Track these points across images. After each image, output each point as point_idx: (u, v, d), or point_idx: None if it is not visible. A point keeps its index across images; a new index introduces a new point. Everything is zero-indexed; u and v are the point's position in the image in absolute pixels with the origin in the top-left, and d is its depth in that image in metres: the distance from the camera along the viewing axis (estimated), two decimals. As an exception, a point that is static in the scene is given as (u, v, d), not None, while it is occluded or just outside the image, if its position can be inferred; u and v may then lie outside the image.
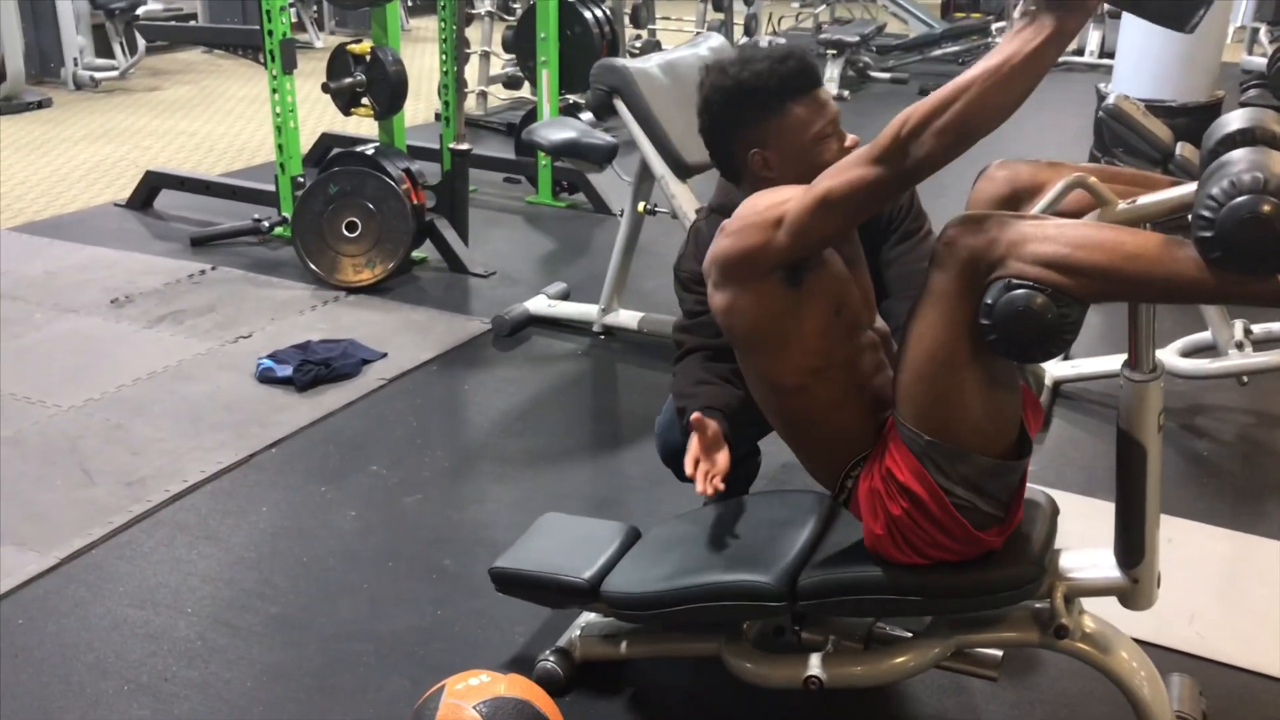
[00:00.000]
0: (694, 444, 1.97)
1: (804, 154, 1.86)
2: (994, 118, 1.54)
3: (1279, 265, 1.50)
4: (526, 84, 6.99)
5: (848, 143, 1.88)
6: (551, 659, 2.25)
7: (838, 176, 1.65)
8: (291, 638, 2.42)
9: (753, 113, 1.87)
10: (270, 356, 3.69)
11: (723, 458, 1.98)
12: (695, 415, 1.97)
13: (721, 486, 1.94)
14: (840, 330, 1.82)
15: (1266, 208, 1.44)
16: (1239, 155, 1.52)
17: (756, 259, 1.76)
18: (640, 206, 3.81)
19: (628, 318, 3.98)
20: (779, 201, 1.73)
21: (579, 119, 4.91)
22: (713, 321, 2.09)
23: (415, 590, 2.58)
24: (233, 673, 2.30)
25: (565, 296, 4.28)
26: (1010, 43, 1.53)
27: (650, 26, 8.60)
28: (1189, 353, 3.49)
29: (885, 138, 1.59)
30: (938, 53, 9.33)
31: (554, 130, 3.97)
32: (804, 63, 1.89)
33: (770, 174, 1.89)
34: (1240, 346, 3.34)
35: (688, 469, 1.96)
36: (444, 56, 4.75)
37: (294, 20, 9.83)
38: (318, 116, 7.17)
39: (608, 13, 6.33)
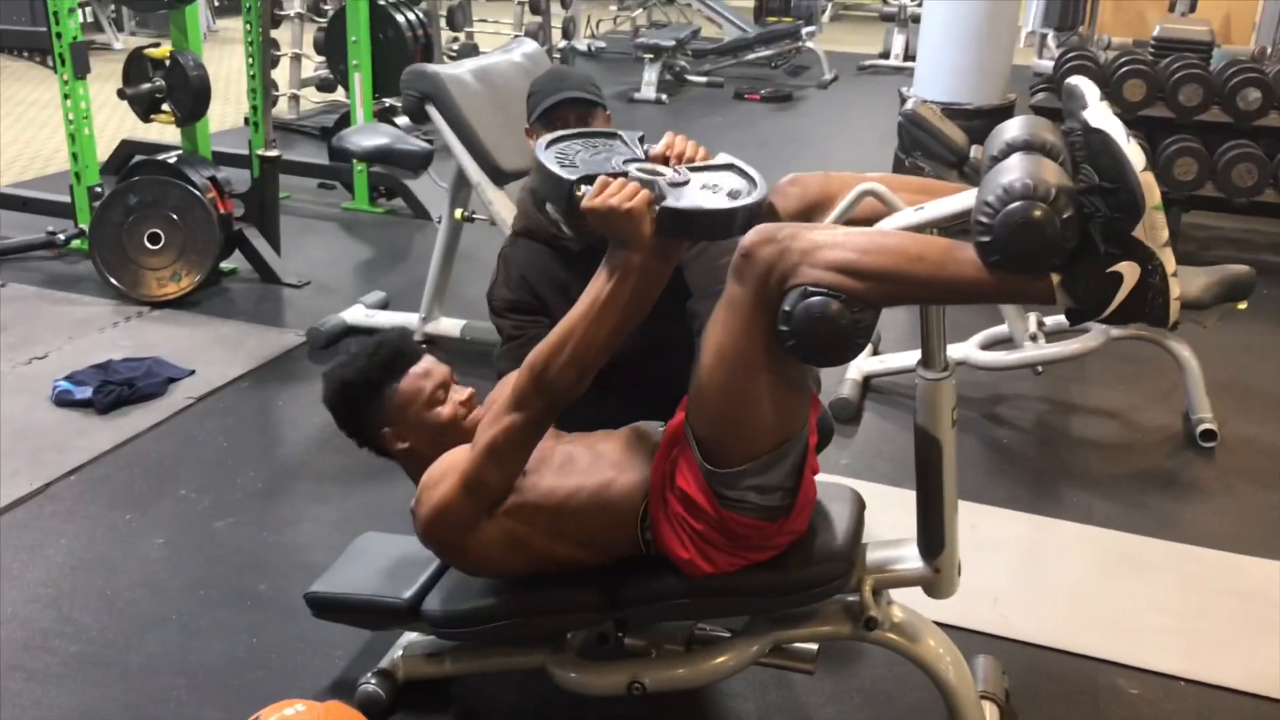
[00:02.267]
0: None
1: (422, 420, 2.03)
2: (602, 344, 1.77)
3: (1051, 265, 1.59)
4: (341, 87, 6.83)
5: (463, 397, 2.07)
6: (374, 681, 2.20)
7: (492, 428, 1.84)
8: (95, 677, 2.30)
9: (366, 401, 2.06)
10: (68, 378, 3.50)
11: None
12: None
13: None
14: (530, 478, 1.92)
15: (1038, 212, 1.53)
16: (1013, 163, 1.60)
17: (456, 524, 1.90)
18: (458, 213, 3.77)
19: (449, 325, 3.93)
20: (450, 468, 1.90)
21: (395, 123, 4.82)
22: (530, 344, 2.10)
23: (228, 619, 2.49)
24: (29, 719, 2.17)
25: (384, 306, 4.20)
26: (595, 283, 1.78)
27: (467, 29, 8.51)
28: (988, 345, 3.67)
29: (519, 386, 1.80)
30: (751, 56, 9.54)
31: (366, 136, 3.88)
32: (394, 348, 2.09)
33: (404, 445, 2.05)
34: (1034, 338, 3.53)
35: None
36: (250, 59, 4.59)
37: (90, 20, 9.44)
38: (118, 122, 6.82)
39: (421, 16, 6.24)
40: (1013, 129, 1.69)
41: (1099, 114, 1.59)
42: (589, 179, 1.76)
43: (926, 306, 1.81)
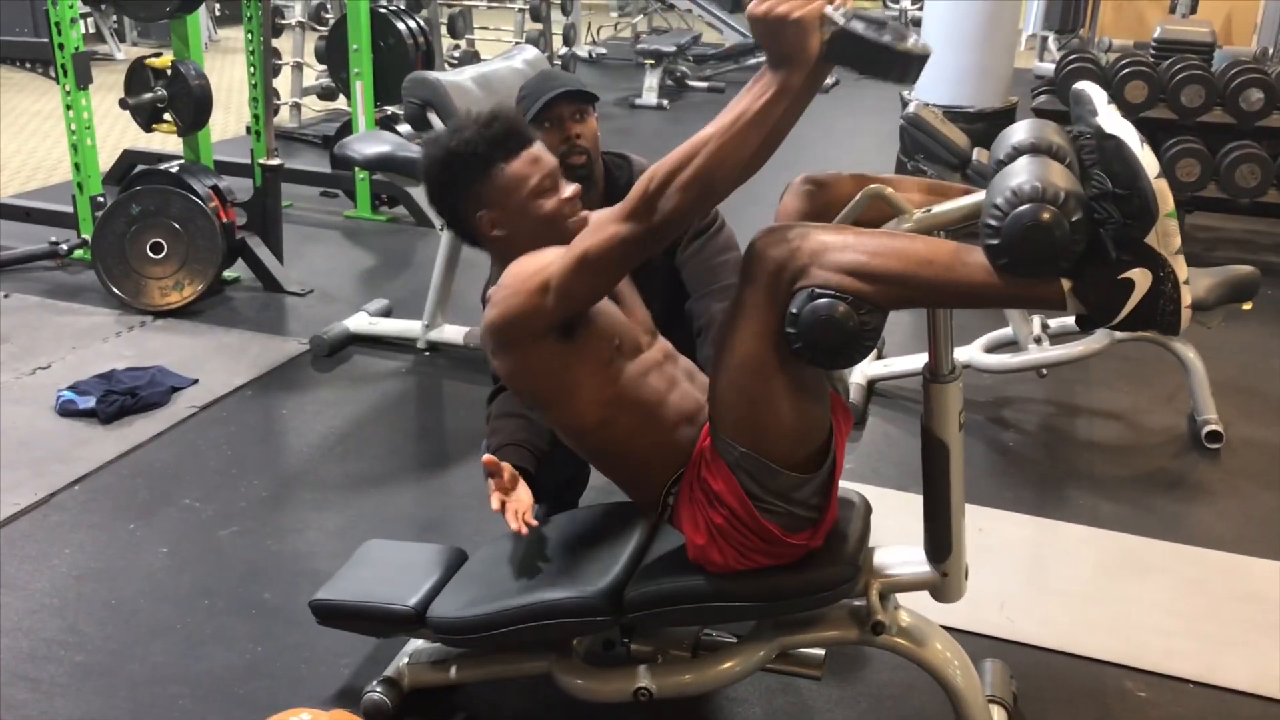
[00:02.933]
0: (492, 486, 1.98)
1: (525, 210, 1.91)
2: (734, 170, 1.62)
3: (1060, 269, 1.58)
4: (342, 95, 6.83)
5: (568, 193, 1.94)
6: (379, 689, 2.19)
7: (594, 236, 1.72)
8: (99, 686, 2.29)
9: (468, 177, 1.93)
10: (71, 388, 3.50)
11: (523, 493, 2.00)
12: (486, 458, 1.98)
13: (534, 522, 1.96)
14: (622, 362, 1.87)
15: (1046, 215, 1.52)
16: (1021, 165, 1.60)
17: (528, 325, 1.80)
18: (460, 220, 3.76)
19: (452, 333, 3.92)
20: (541, 266, 1.79)
21: (396, 131, 4.83)
22: None
23: (233, 627, 2.48)
24: (34, 729, 2.17)
25: (387, 313, 4.20)
26: (742, 99, 1.61)
27: (468, 37, 8.53)
28: (992, 348, 3.66)
29: (634, 195, 1.66)
30: (752, 61, 9.53)
31: (367, 144, 3.88)
32: (510, 123, 1.95)
33: (500, 232, 1.94)
34: (1038, 341, 3.52)
35: (495, 507, 1.96)
36: (252, 68, 4.60)
37: (92, 31, 9.45)
38: (120, 132, 6.83)
39: (422, 23, 6.25)
40: (1020, 132, 1.69)
41: (1111, 119, 1.59)
42: None
43: (934, 310, 1.81)
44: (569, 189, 1.94)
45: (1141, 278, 1.57)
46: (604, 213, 1.75)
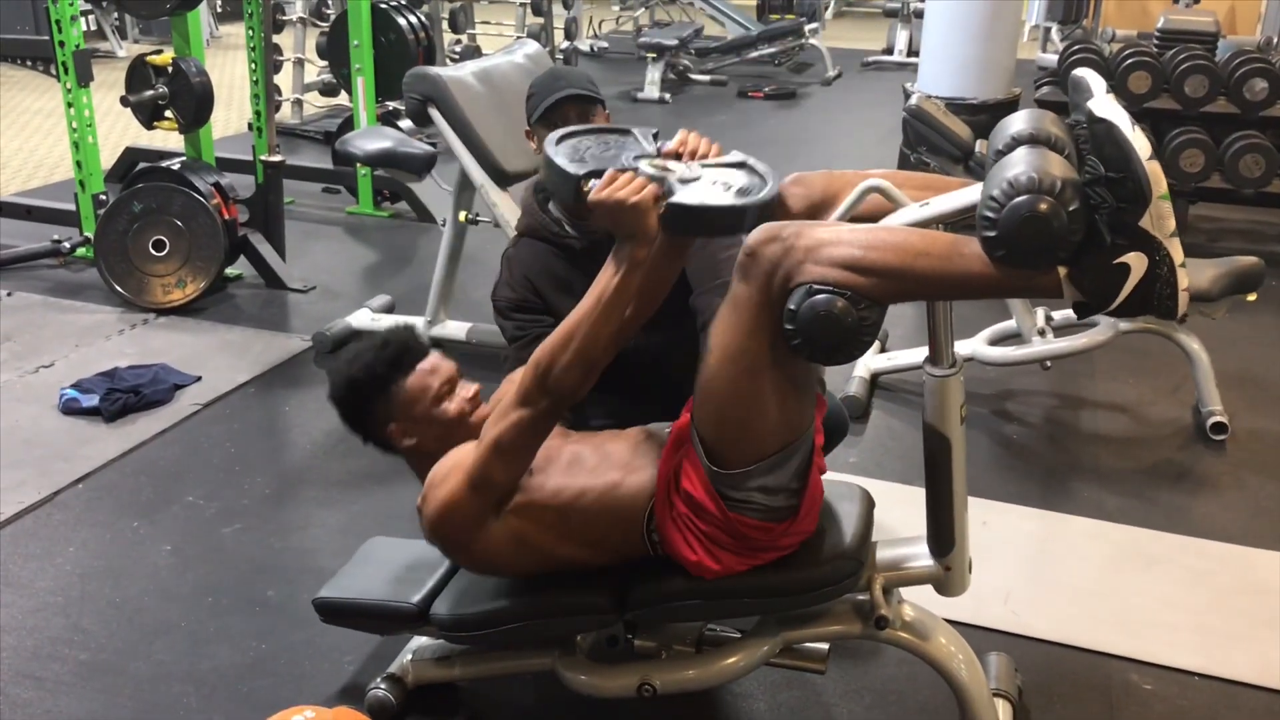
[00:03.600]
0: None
1: (429, 418, 2.02)
2: (608, 343, 1.76)
3: (1057, 259, 1.57)
4: (344, 91, 6.83)
5: (469, 393, 2.06)
6: (383, 686, 2.19)
7: (497, 425, 1.83)
8: (104, 685, 2.29)
9: (372, 397, 2.05)
10: (74, 386, 3.50)
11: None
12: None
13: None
14: (541, 479, 1.91)
15: (1043, 206, 1.51)
16: (1018, 156, 1.59)
17: (465, 522, 1.89)
18: (462, 216, 3.76)
19: (455, 329, 3.92)
20: (456, 465, 1.89)
21: (398, 127, 4.83)
22: (535, 343, 2.09)
23: (237, 625, 2.48)
24: (38, 728, 2.17)
25: (390, 309, 4.20)
26: (600, 279, 1.77)
27: (469, 31, 8.51)
28: (996, 341, 3.65)
29: (525, 381, 1.80)
30: (754, 54, 9.53)
31: (369, 140, 3.88)
32: (403, 343, 2.08)
33: (410, 441, 2.04)
34: (1042, 333, 3.51)
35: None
36: (253, 65, 4.60)
37: (93, 28, 9.44)
38: (121, 130, 6.83)
39: (423, 19, 6.24)
40: (1017, 123, 1.68)
41: (1103, 104, 1.58)
42: (597, 174, 1.75)
43: (933, 302, 1.80)
44: (470, 389, 2.07)
45: (1137, 262, 1.56)
46: (503, 401, 1.86)
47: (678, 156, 1.86)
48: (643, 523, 1.87)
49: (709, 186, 1.78)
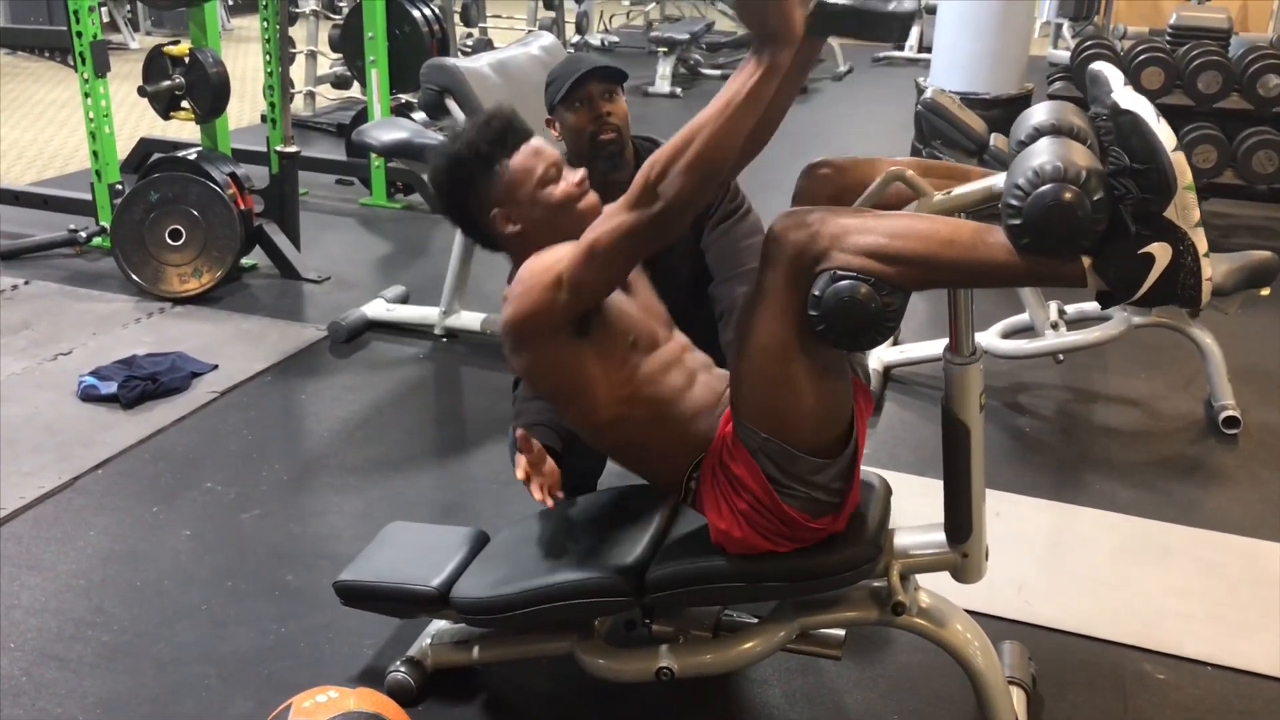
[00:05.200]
0: (519, 460, 2.00)
1: (535, 200, 1.94)
2: (730, 153, 1.65)
3: (1082, 248, 1.59)
4: (356, 83, 6.85)
5: (576, 178, 1.97)
6: (403, 669, 2.22)
7: (602, 226, 1.73)
8: (127, 665, 2.32)
9: (476, 178, 1.96)
10: (93, 373, 3.52)
11: (549, 468, 2.01)
12: (519, 431, 1.99)
13: (560, 495, 1.98)
14: (638, 358, 1.89)
15: (1068, 195, 1.53)
16: (1042, 146, 1.60)
17: (544, 320, 1.82)
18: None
19: (470, 319, 3.94)
20: (553, 261, 1.81)
21: (411, 118, 4.84)
22: None
23: (257, 608, 2.50)
24: (63, 708, 2.19)
25: (404, 300, 4.22)
26: (733, 82, 1.63)
27: (481, 25, 8.53)
28: (1009, 334, 3.66)
29: (637, 183, 1.68)
30: (766, 49, 9.52)
31: (385, 131, 3.89)
32: (506, 121, 1.99)
33: (514, 228, 1.96)
34: (1055, 327, 3.52)
35: (519, 476, 1.99)
36: (268, 57, 4.62)
37: (106, 20, 9.47)
38: (135, 120, 6.87)
39: (437, 11, 6.25)
40: (1040, 114, 1.69)
41: (1127, 96, 1.59)
42: None
43: (955, 290, 1.81)
44: (576, 174, 1.97)
45: (1161, 252, 1.57)
46: (611, 205, 1.76)
47: None
48: (687, 469, 1.89)
49: None
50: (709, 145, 1.62)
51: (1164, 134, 1.55)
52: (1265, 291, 3.36)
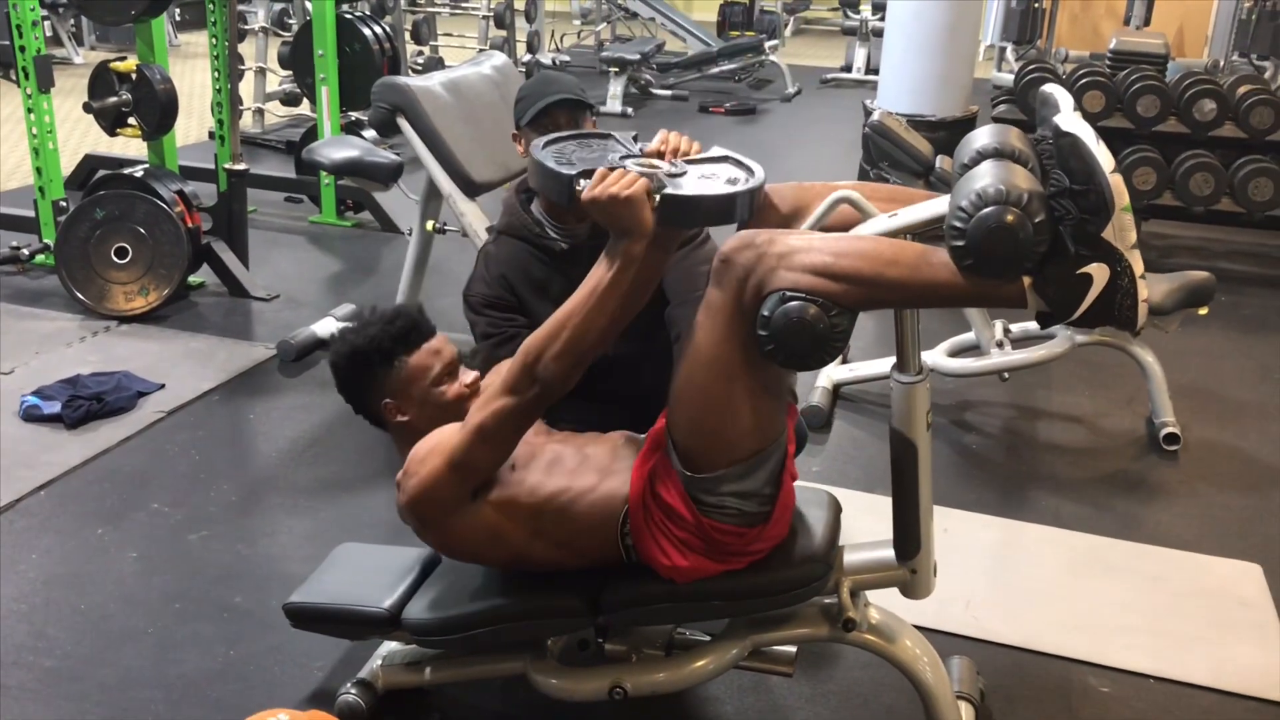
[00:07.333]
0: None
1: (426, 399, 2.03)
2: (599, 336, 1.77)
3: (1023, 270, 1.63)
4: (305, 101, 6.81)
5: (469, 380, 2.06)
6: (353, 691, 2.20)
7: (485, 409, 1.83)
8: (70, 691, 2.28)
9: (375, 371, 2.04)
10: (35, 393, 3.47)
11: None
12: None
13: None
14: (521, 473, 1.94)
15: (1010, 217, 1.56)
16: (985, 169, 1.64)
17: (444, 500, 1.90)
18: (429, 225, 3.77)
19: (420, 338, 3.92)
20: (439, 444, 1.89)
21: (362, 136, 4.82)
22: (505, 342, 2.12)
23: (205, 631, 2.47)
24: (4, 735, 2.16)
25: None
26: (595, 272, 1.77)
27: (432, 43, 8.53)
28: (955, 353, 3.71)
29: (514, 369, 1.80)
30: (715, 70, 9.61)
31: (335, 149, 3.87)
32: (412, 320, 2.08)
33: (404, 418, 2.04)
34: (1000, 345, 3.58)
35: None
36: (216, 73, 4.58)
37: (49, 34, 9.34)
38: (80, 136, 6.77)
39: (388, 29, 6.24)
40: (983, 137, 1.73)
41: (1069, 118, 1.63)
42: (588, 173, 1.77)
43: (901, 311, 1.84)
44: (470, 375, 2.07)
45: (1099, 272, 1.61)
46: (490, 388, 1.86)
47: (660, 155, 1.88)
48: (618, 527, 1.90)
49: (698, 179, 1.81)
50: (578, 332, 1.76)
51: (1103, 156, 1.58)
52: (1204, 311, 3.44)
